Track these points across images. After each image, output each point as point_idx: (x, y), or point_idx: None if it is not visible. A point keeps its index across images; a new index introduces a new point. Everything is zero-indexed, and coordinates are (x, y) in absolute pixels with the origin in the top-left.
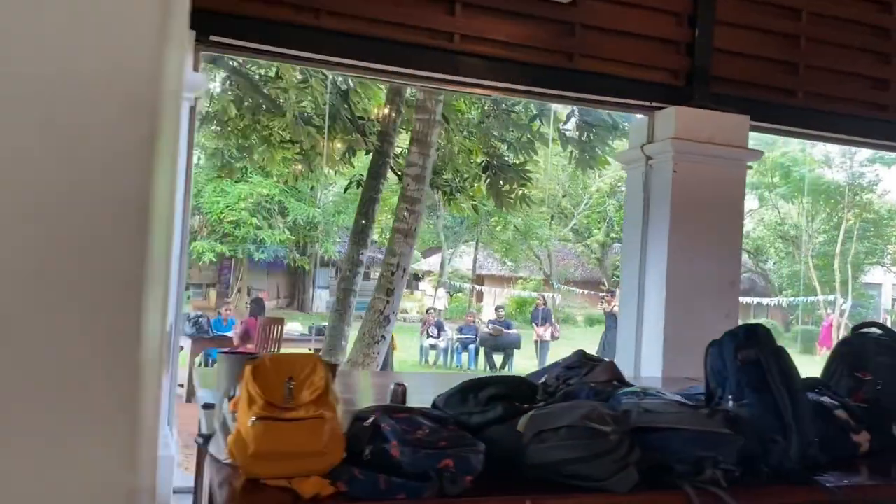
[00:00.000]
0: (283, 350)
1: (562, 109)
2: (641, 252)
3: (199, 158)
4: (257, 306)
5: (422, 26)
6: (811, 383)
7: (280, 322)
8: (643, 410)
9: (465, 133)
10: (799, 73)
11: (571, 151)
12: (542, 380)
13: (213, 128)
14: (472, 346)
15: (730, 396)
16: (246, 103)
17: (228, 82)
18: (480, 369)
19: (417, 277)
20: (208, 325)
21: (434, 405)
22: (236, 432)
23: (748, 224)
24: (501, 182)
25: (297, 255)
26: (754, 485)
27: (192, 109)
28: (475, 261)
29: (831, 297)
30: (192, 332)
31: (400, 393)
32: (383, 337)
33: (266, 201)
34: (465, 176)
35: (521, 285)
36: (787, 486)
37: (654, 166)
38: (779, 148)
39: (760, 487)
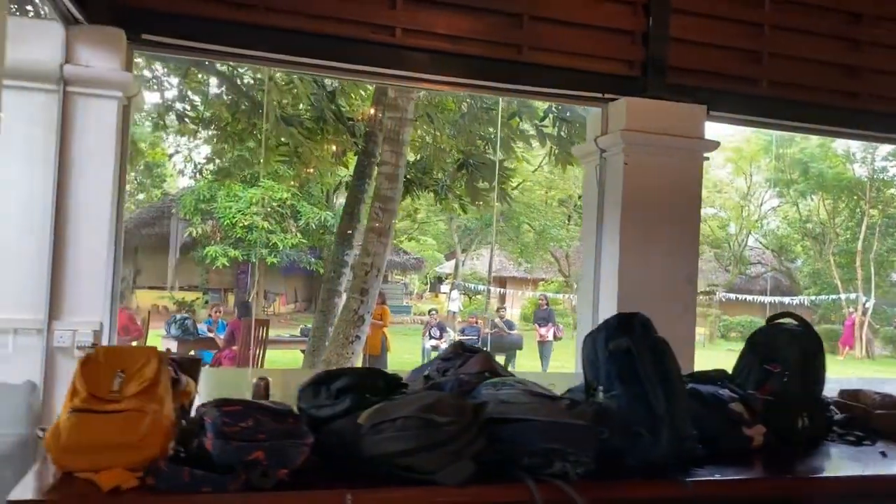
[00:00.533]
0: (268, 352)
1: (539, 105)
2: (597, 247)
3: (215, 163)
4: (244, 309)
5: (363, 21)
6: (714, 376)
7: (265, 324)
8: (499, 401)
9: (451, 132)
10: (762, 61)
11: (551, 148)
12: (426, 373)
13: (212, 132)
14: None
15: (601, 388)
16: (242, 107)
17: (224, 87)
18: None
19: (440, 280)
20: (194, 327)
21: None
22: (54, 425)
23: (772, 222)
24: (481, 180)
25: (313, 259)
26: (612, 478)
27: (126, 108)
28: (491, 262)
29: (853, 296)
30: (177, 334)
31: (262, 387)
32: (357, 337)
33: (279, 206)
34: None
35: (542, 287)
36: (643, 480)
37: (607, 159)
38: (797, 144)
39: (614, 480)
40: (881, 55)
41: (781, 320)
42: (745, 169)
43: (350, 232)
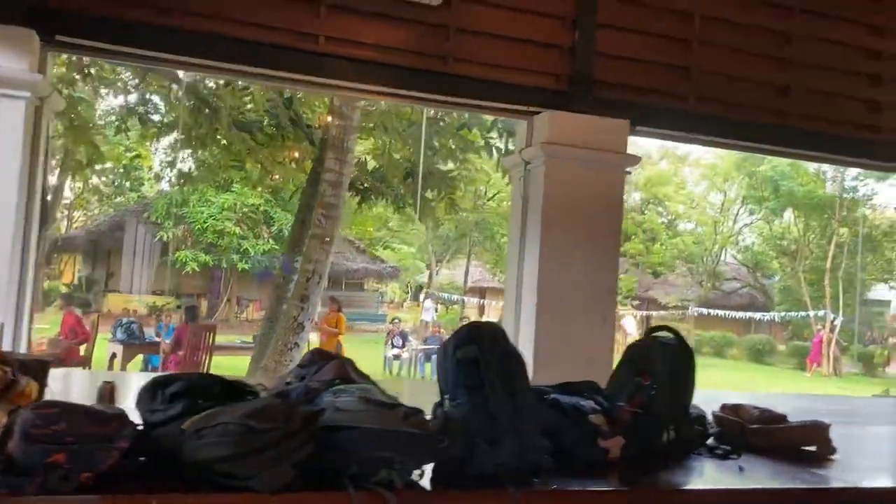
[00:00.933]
0: (220, 357)
1: (489, 117)
2: (519, 258)
3: (190, 168)
4: (190, 314)
5: (284, 27)
6: (582, 387)
7: (212, 329)
8: (335, 409)
9: (408, 141)
10: (691, 77)
11: (499, 159)
12: (287, 379)
13: (175, 136)
14: (434, 357)
15: (447, 396)
16: (206, 111)
17: (185, 92)
18: None
19: (422, 289)
20: (140, 331)
21: None
22: None
23: (748, 238)
24: (429, 189)
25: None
26: (446, 486)
27: (38, 109)
28: (467, 272)
29: (822, 313)
30: (123, 338)
31: (107, 391)
32: (296, 344)
33: (251, 211)
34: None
35: None
36: (470, 490)
37: (531, 171)
38: (769, 161)
39: (442, 489)
40: (810, 74)
41: (658, 333)
42: (719, 185)
43: (301, 239)
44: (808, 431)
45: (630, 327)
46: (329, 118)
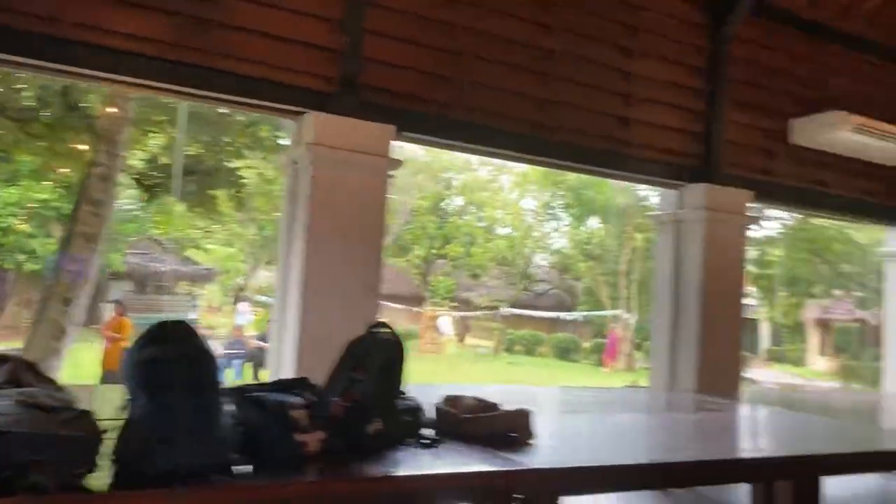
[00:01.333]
0: None
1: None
2: (287, 255)
3: None
4: None
5: (23, 10)
6: (295, 383)
7: None
8: None
9: (200, 137)
10: (456, 86)
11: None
12: None
13: None
14: (236, 362)
15: (130, 397)
16: None
17: None
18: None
19: (241, 290)
20: None
21: None
22: None
23: (558, 242)
24: (212, 187)
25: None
26: (122, 488)
27: None
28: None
29: (618, 312)
30: None
31: None
32: (57, 350)
33: (42, 207)
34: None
35: None
36: (142, 491)
37: (298, 171)
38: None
39: (113, 492)
40: (568, 90)
41: (376, 329)
42: (531, 192)
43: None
44: (509, 419)
45: (446, 328)
46: (115, 109)
